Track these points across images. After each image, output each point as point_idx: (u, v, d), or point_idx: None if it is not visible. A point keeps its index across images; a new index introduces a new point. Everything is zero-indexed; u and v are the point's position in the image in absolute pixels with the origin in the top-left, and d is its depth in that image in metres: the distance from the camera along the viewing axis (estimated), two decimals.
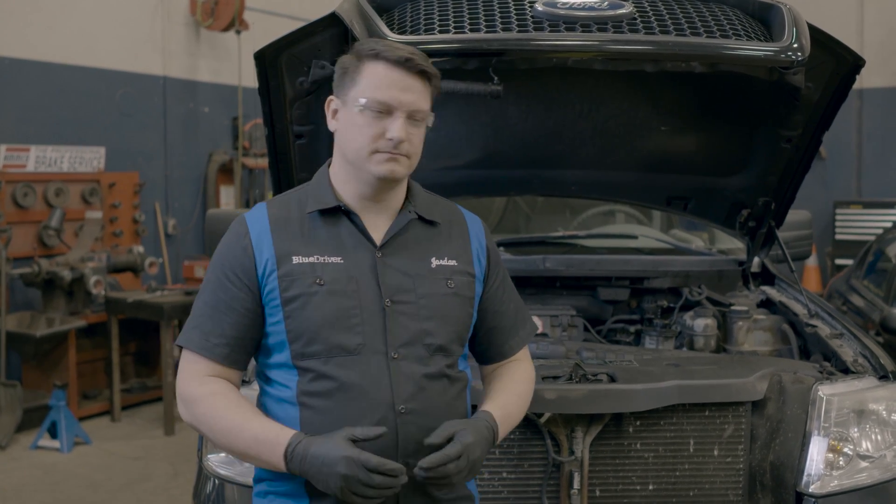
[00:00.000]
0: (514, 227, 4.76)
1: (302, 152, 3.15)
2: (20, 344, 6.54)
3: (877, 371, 2.84)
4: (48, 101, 7.34)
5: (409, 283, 2.01)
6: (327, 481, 1.83)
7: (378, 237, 2.03)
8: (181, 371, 2.02)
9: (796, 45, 2.59)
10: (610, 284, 3.64)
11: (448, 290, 2.05)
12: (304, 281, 1.95)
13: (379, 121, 1.94)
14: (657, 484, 2.71)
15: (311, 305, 1.94)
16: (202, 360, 1.99)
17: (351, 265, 1.99)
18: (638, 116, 3.25)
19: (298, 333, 1.95)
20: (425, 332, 2.00)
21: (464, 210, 2.22)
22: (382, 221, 2.05)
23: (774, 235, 3.57)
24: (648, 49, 2.54)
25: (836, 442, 2.69)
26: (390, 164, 1.96)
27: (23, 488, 5.42)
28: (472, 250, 2.14)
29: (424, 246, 2.07)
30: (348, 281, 1.97)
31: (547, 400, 2.54)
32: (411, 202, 2.08)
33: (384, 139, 1.94)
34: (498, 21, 2.54)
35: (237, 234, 2.02)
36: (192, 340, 2.00)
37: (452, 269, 2.08)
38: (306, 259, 1.97)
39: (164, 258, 8.33)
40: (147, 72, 8.21)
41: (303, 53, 2.77)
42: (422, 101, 1.98)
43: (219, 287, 2.00)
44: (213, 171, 8.79)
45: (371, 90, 1.94)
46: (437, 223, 2.11)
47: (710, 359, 3.00)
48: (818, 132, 3.15)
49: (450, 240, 2.12)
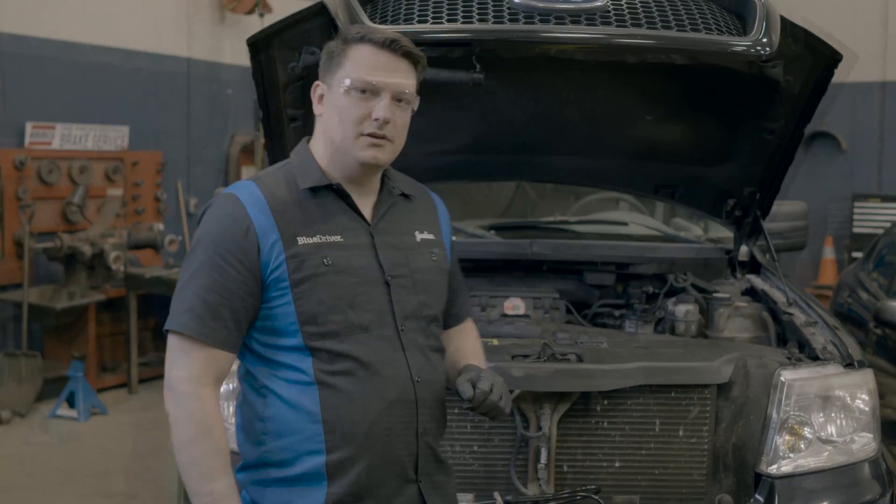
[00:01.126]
0: (521, 212, 4.85)
1: (296, 135, 3.25)
2: (42, 316, 6.75)
3: (843, 358, 2.92)
4: (74, 80, 7.51)
5: (402, 257, 2.07)
6: None
7: (367, 215, 2.07)
8: (174, 358, 1.94)
9: (765, 40, 2.67)
10: (596, 269, 3.73)
11: (432, 262, 2.14)
12: (311, 262, 1.94)
13: (364, 102, 1.95)
14: (623, 461, 2.80)
15: (320, 286, 1.94)
16: (198, 347, 1.92)
17: (350, 243, 2.01)
18: (623, 106, 3.34)
19: (311, 315, 1.94)
20: (423, 303, 2.08)
21: (426, 187, 2.30)
22: (368, 198, 2.09)
23: (760, 225, 3.64)
24: (619, 41, 2.65)
25: (796, 425, 2.78)
26: (373, 150, 1.97)
27: (39, 454, 5.63)
28: (440, 223, 2.24)
29: (408, 221, 2.14)
30: (350, 258, 1.99)
31: (515, 377, 2.64)
32: (390, 179, 2.14)
33: (370, 120, 1.95)
34: (475, 12, 2.64)
35: (232, 215, 1.95)
36: (187, 325, 1.91)
37: (432, 242, 2.17)
38: (311, 239, 1.96)
39: (185, 236, 8.50)
40: (172, 53, 8.37)
41: (293, 40, 2.87)
42: (407, 83, 1.99)
43: (212, 268, 1.93)
44: (235, 151, 8.95)
45: (357, 71, 1.95)
46: (413, 198, 2.19)
47: (680, 342, 3.09)
48: (800, 124, 3.21)
49: (425, 214, 2.21)
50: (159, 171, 8.05)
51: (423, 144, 3.32)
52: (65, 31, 7.43)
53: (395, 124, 1.98)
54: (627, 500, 2.79)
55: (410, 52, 2.00)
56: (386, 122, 1.96)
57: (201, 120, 8.74)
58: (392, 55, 1.98)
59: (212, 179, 8.86)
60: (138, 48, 8.05)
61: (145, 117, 8.10)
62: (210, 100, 8.81)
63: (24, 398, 6.42)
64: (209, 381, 1.94)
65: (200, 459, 1.90)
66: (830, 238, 9.57)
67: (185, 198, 8.57)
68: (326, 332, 1.95)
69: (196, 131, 8.69)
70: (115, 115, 7.80)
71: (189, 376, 1.92)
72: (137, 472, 5.34)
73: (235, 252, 1.93)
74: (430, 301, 2.11)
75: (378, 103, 1.96)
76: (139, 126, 8.00)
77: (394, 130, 1.99)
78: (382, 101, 1.95)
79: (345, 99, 1.97)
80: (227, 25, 8.88)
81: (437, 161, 3.55)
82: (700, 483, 2.81)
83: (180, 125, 8.54)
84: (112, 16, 7.79)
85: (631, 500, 2.79)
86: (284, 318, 1.95)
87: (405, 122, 2.03)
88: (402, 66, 1.99)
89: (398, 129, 2.01)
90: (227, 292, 1.92)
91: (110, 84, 7.80)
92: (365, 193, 2.08)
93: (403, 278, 2.06)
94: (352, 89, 1.96)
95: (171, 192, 8.42)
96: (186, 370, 1.93)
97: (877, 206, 9.32)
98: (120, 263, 6.96)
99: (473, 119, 3.39)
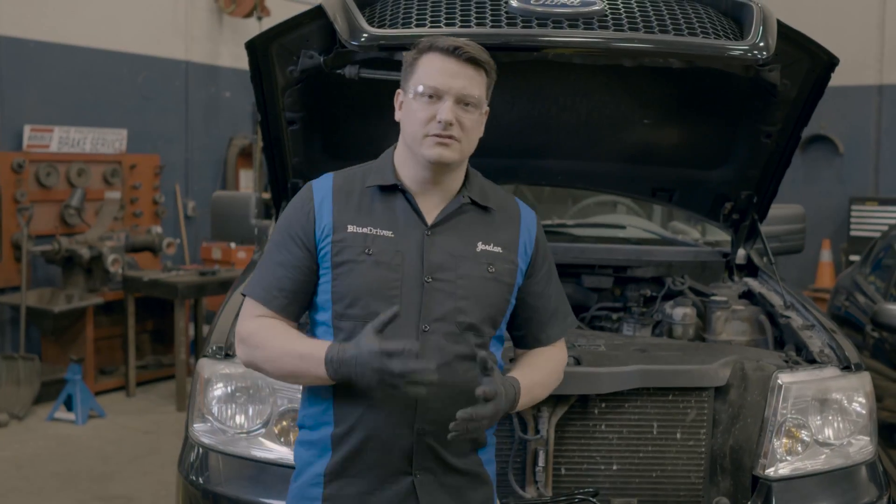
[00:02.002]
0: None
1: (294, 137, 3.27)
2: (40, 319, 6.76)
3: (840, 361, 2.93)
4: (72, 83, 7.52)
5: (451, 262, 2.13)
6: (367, 381, 1.97)
7: (431, 218, 2.14)
8: (241, 315, 2.21)
9: (762, 44, 2.68)
10: (594, 272, 3.74)
11: (488, 274, 2.16)
12: (354, 249, 2.10)
13: (431, 105, 2.07)
14: (621, 464, 2.81)
15: (356, 272, 2.09)
16: (260, 308, 2.16)
17: (400, 240, 2.12)
18: (621, 109, 3.35)
19: (342, 295, 2.10)
20: (458, 310, 2.11)
21: (520, 202, 2.33)
22: (437, 203, 2.16)
23: (757, 228, 3.65)
24: (617, 45, 2.64)
25: (793, 428, 2.79)
26: (439, 149, 2.07)
27: (37, 458, 5.62)
28: (521, 241, 2.24)
29: (474, 230, 2.18)
30: (394, 254, 2.10)
31: None
32: (467, 187, 2.20)
33: (434, 122, 2.06)
34: (473, 16, 2.65)
35: (302, 199, 2.19)
36: (255, 292, 2.18)
37: (496, 255, 2.18)
38: (360, 229, 2.12)
39: (183, 239, 8.52)
40: (170, 56, 8.38)
41: (292, 43, 2.89)
42: (472, 87, 2.08)
43: (283, 246, 2.17)
44: (233, 155, 8.96)
45: (424, 78, 2.08)
46: (490, 209, 2.21)
47: (677, 345, 3.09)
48: (797, 128, 3.23)
49: (500, 227, 2.22)
50: (157, 175, 8.06)
51: None
52: (63, 35, 7.44)
53: (461, 126, 2.08)
54: (625, 503, 2.80)
55: (474, 57, 2.09)
56: (449, 123, 2.05)
57: (199, 123, 8.75)
58: (457, 61, 2.08)
59: (210, 183, 8.87)
60: (137, 51, 8.06)
61: (143, 120, 8.11)
62: (208, 103, 8.82)
63: (21, 401, 6.42)
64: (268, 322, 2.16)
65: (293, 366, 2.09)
66: (828, 241, 9.59)
67: (182, 201, 8.58)
68: (350, 314, 2.10)
69: (194, 135, 8.70)
70: (114, 119, 7.82)
71: (251, 324, 2.17)
72: (135, 476, 5.34)
73: (299, 231, 2.16)
74: (469, 309, 2.12)
75: (441, 106, 2.06)
76: (137, 129, 8.01)
77: (460, 132, 2.08)
78: (445, 104, 2.06)
79: (415, 104, 2.10)
80: (226, 29, 8.89)
81: None
82: (698, 486, 2.81)
83: (178, 128, 8.55)
84: (110, 19, 7.81)
85: (629, 503, 2.80)
86: (323, 295, 2.15)
87: (472, 125, 2.12)
88: (466, 71, 2.08)
89: (465, 130, 2.10)
90: (291, 267, 2.15)
91: (108, 87, 7.81)
92: (436, 196, 2.17)
93: (445, 282, 2.11)
94: (420, 95, 2.08)
95: (170, 195, 8.43)
96: (250, 321, 2.17)
97: (874, 209, 9.32)
98: (118, 266, 6.97)
99: None
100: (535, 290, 2.27)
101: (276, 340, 2.11)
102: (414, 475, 2.11)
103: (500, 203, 2.25)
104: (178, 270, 7.17)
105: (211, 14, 8.77)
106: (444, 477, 2.14)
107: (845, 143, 9.67)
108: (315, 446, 2.15)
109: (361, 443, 2.09)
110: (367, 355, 1.95)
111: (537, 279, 2.27)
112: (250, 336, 2.15)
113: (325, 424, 2.14)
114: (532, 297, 2.27)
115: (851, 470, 2.84)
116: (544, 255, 2.30)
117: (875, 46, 9.49)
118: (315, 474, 2.14)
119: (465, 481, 2.18)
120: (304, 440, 2.20)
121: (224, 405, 2.84)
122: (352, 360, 1.98)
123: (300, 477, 2.18)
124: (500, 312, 2.20)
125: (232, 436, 2.81)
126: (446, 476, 2.14)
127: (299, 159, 3.34)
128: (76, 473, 5.37)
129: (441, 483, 2.13)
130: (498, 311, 2.20)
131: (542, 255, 2.28)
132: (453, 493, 2.15)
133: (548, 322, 2.31)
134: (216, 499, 2.73)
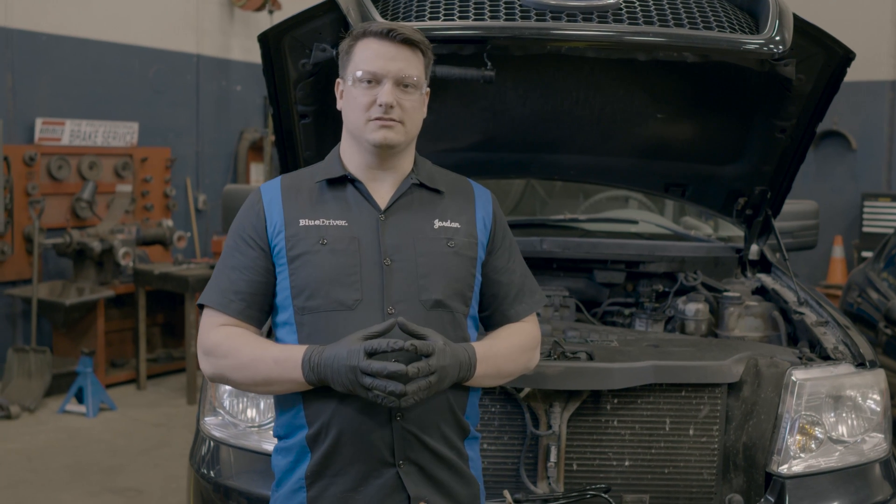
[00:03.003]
0: (531, 210, 4.85)
1: (307, 131, 3.26)
2: (51, 312, 6.77)
3: (855, 358, 2.91)
4: (83, 77, 7.53)
5: (409, 242, 2.12)
6: (341, 379, 1.94)
7: (383, 203, 2.15)
8: (201, 326, 2.16)
9: (778, 38, 2.66)
10: (606, 267, 3.72)
11: (448, 249, 2.14)
12: (308, 241, 2.09)
13: (370, 90, 2.07)
14: (633, 460, 2.80)
15: (312, 263, 2.08)
16: (220, 316, 2.13)
17: (354, 227, 2.11)
18: (634, 104, 3.33)
19: (301, 288, 2.08)
20: (421, 287, 2.09)
21: (474, 182, 2.31)
22: (388, 188, 2.17)
23: (771, 224, 3.62)
24: (630, 39, 2.63)
25: (807, 425, 2.77)
26: (383, 131, 2.07)
27: (47, 450, 5.64)
28: (478, 216, 2.23)
29: (428, 210, 2.18)
30: (350, 241, 2.10)
31: (525, 375, 2.63)
32: (415, 171, 2.20)
33: (375, 106, 2.06)
34: (487, 9, 2.64)
35: (251, 202, 2.19)
36: (210, 299, 2.14)
37: (455, 230, 2.17)
38: (312, 222, 2.11)
39: (194, 232, 8.53)
40: (181, 50, 8.39)
41: (304, 36, 2.87)
42: (409, 68, 2.08)
43: (236, 249, 2.15)
44: (243, 148, 8.96)
45: (362, 63, 2.08)
46: (441, 191, 2.21)
47: (690, 341, 3.08)
48: (812, 123, 3.20)
49: (455, 205, 2.21)
50: (168, 168, 8.07)
51: (434, 141, 3.33)
52: (74, 28, 7.45)
53: (402, 108, 2.08)
54: (637, 499, 2.78)
55: (409, 38, 2.09)
56: (390, 106, 2.06)
57: (210, 117, 8.75)
58: (392, 44, 2.08)
59: (220, 176, 8.88)
60: (148, 45, 8.07)
61: (154, 114, 8.12)
62: (219, 97, 8.82)
63: (33, 393, 6.44)
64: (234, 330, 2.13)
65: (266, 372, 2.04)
66: (840, 237, 9.54)
67: (193, 194, 8.59)
68: (311, 307, 2.08)
69: (205, 128, 8.71)
70: (125, 112, 7.83)
71: (215, 335, 2.12)
72: (146, 468, 5.35)
73: (250, 232, 2.14)
74: (432, 285, 2.10)
75: (381, 89, 2.07)
76: (148, 122, 8.02)
77: (401, 113, 2.08)
78: (385, 87, 2.06)
79: (354, 90, 2.10)
80: (237, 22, 8.89)
81: (447, 158, 3.52)
82: (710, 482, 2.80)
83: (189, 122, 8.56)
84: (121, 13, 7.81)
85: (641, 500, 2.79)
86: (282, 293, 2.12)
87: (414, 106, 2.11)
88: (403, 53, 2.09)
89: (407, 112, 2.10)
90: (244, 269, 2.13)
91: (120, 80, 7.82)
92: (387, 182, 2.17)
93: (404, 262, 2.10)
94: (358, 80, 2.09)
95: (180, 188, 8.44)
96: (213, 332, 2.12)
97: (887, 205, 9.28)
98: (129, 259, 6.98)
99: (484, 116, 3.39)
100: (499, 266, 2.25)
101: (247, 348, 2.07)
102: (397, 465, 2.05)
103: (452, 185, 2.25)
104: (188, 264, 7.17)
105: (222, 7, 8.77)
106: (429, 467, 2.09)
107: (858, 139, 9.62)
108: (292, 452, 2.12)
109: (337, 439, 2.05)
110: (345, 354, 1.92)
111: (500, 254, 2.25)
112: (216, 347, 2.09)
113: (298, 429, 2.10)
114: (497, 273, 2.24)
115: (865, 467, 2.81)
116: (504, 230, 2.28)
117: (888, 41, 9.44)
118: (297, 479, 2.10)
119: (451, 476, 2.13)
120: (280, 448, 2.16)
121: (235, 399, 2.84)
122: (329, 360, 1.95)
123: (283, 485, 2.14)
124: (467, 287, 2.17)
125: (243, 429, 2.81)
126: (431, 467, 2.09)
127: (311, 153, 3.33)
128: (87, 466, 5.38)
129: (427, 476, 2.08)
130: (465, 285, 2.16)
131: (501, 230, 2.27)
132: (440, 487, 2.10)
133: (515, 297, 2.26)
134: (227, 492, 2.73)
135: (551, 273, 3.74)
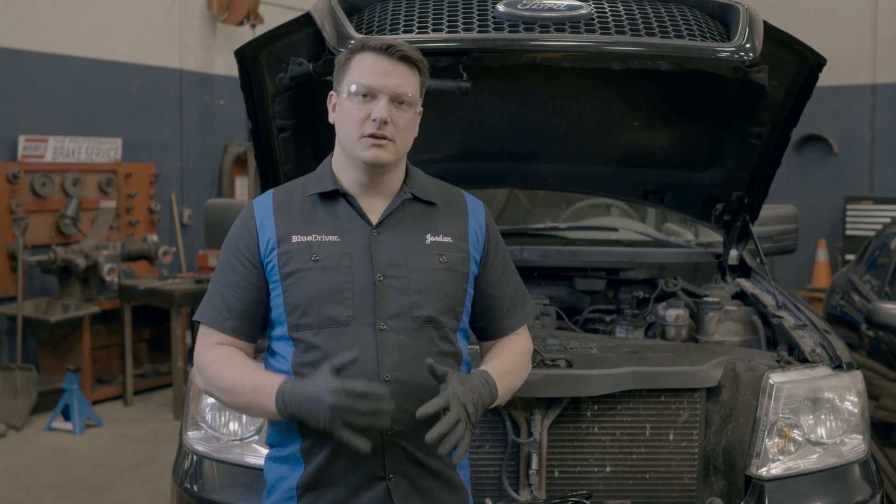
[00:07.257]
0: (514, 219, 4.88)
1: (285, 145, 3.28)
2: (36, 329, 6.76)
3: (832, 360, 2.93)
4: (66, 94, 7.53)
5: (401, 258, 2.11)
6: (317, 417, 1.92)
7: (375, 218, 2.13)
8: (198, 344, 2.18)
9: (748, 45, 2.69)
10: (586, 275, 3.75)
11: (440, 265, 2.14)
12: (300, 258, 2.08)
13: (365, 105, 2.05)
14: (614, 466, 2.82)
15: (304, 280, 2.07)
16: (214, 333, 2.15)
17: (346, 243, 2.10)
18: (611, 112, 3.36)
19: (294, 306, 2.08)
20: (414, 304, 2.09)
21: (466, 194, 2.31)
22: (379, 203, 2.15)
23: (749, 229, 3.66)
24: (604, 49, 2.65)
25: (786, 428, 2.79)
26: (374, 150, 2.05)
27: (34, 468, 5.62)
28: (470, 229, 2.22)
29: (421, 224, 2.17)
30: (342, 257, 2.08)
31: None
32: (408, 184, 2.19)
33: (369, 121, 2.04)
34: (460, 22, 2.66)
35: (244, 218, 2.18)
36: (205, 315, 2.17)
37: (447, 245, 2.17)
38: (305, 238, 2.10)
39: (179, 247, 8.52)
40: (164, 65, 8.39)
41: (281, 51, 2.89)
42: (406, 85, 2.07)
43: (228, 266, 2.16)
44: (228, 162, 8.96)
45: (358, 77, 2.07)
46: (434, 204, 2.21)
47: (669, 347, 3.10)
48: (786, 128, 3.24)
49: (447, 219, 2.21)
50: (153, 183, 8.07)
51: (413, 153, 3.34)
52: (57, 45, 7.45)
53: (395, 125, 2.06)
54: None
55: (407, 55, 2.08)
56: (384, 122, 2.04)
57: (194, 131, 8.76)
58: (390, 59, 2.07)
59: (205, 190, 8.88)
60: (131, 61, 8.07)
61: (138, 129, 8.12)
62: (203, 111, 8.83)
63: (19, 411, 6.42)
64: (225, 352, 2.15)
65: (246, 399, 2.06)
66: (824, 241, 9.60)
67: (178, 209, 8.59)
68: (304, 324, 2.08)
69: (189, 143, 8.71)
70: (108, 128, 7.83)
71: (208, 355, 2.15)
72: (133, 485, 5.34)
73: (243, 250, 2.15)
74: (425, 302, 2.10)
75: (376, 104, 2.05)
76: (132, 138, 8.02)
77: (394, 131, 2.07)
78: (380, 103, 2.05)
79: (348, 104, 2.08)
80: (219, 37, 8.90)
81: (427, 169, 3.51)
82: (691, 486, 2.82)
83: (173, 137, 8.56)
84: (104, 29, 7.82)
85: None
86: (276, 309, 2.13)
87: (407, 124, 2.10)
88: (400, 69, 2.08)
89: (399, 130, 2.08)
90: (237, 287, 2.14)
91: (103, 97, 7.83)
92: (377, 196, 2.16)
93: (397, 279, 2.10)
94: (353, 94, 2.07)
95: (165, 203, 8.44)
96: (207, 351, 2.15)
97: (869, 207, 9.34)
98: (114, 275, 6.98)
99: (462, 127, 3.41)
100: (492, 279, 2.25)
101: (232, 372, 2.09)
102: (388, 479, 2.07)
103: (445, 196, 2.24)
104: (174, 279, 7.18)
105: (204, 22, 8.78)
106: (418, 479, 2.11)
107: (840, 143, 9.69)
108: (287, 461, 2.13)
109: (332, 453, 2.06)
110: (322, 392, 1.91)
111: (492, 267, 2.25)
112: (206, 367, 2.13)
113: (292, 440, 2.11)
114: (489, 286, 2.24)
115: (844, 469, 2.83)
116: (496, 243, 2.28)
117: (868, 46, 9.52)
118: (288, 488, 2.12)
119: (439, 484, 2.15)
120: (274, 456, 2.18)
121: (217, 413, 2.85)
122: (305, 397, 1.94)
123: (273, 492, 2.16)
124: (458, 303, 2.17)
125: (226, 443, 2.82)
126: (420, 478, 2.11)
127: (291, 167, 3.35)
128: (74, 483, 5.37)
129: (416, 486, 2.10)
130: (456, 300, 2.16)
131: (494, 243, 2.27)
132: (427, 497, 2.12)
133: (508, 310, 2.28)
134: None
135: (532, 281, 3.76)
